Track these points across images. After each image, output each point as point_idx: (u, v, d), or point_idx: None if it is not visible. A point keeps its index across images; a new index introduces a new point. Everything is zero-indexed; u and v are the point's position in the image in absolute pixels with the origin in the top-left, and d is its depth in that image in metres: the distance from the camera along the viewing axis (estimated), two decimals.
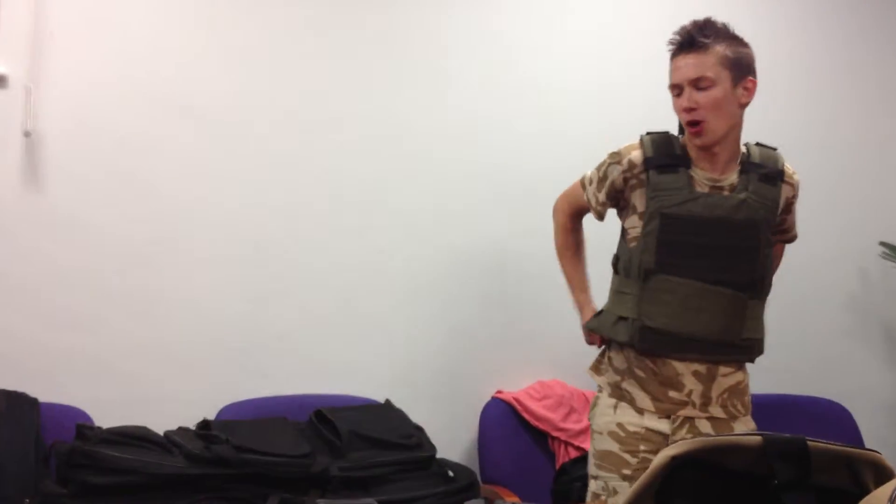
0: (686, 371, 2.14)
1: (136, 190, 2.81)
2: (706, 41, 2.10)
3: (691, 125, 2.12)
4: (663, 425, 2.14)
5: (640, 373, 2.16)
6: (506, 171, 3.17)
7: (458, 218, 3.12)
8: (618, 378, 2.20)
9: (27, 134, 2.69)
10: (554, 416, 3.05)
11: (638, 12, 3.33)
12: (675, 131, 2.26)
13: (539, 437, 3.05)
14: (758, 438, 0.85)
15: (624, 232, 2.23)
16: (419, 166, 3.09)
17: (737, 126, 2.16)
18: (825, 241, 3.48)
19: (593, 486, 2.20)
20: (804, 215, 3.44)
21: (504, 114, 3.17)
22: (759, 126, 3.41)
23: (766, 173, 2.18)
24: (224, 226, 2.89)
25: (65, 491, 2.24)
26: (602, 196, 2.23)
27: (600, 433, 2.20)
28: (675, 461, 0.86)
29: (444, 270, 3.10)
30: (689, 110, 2.11)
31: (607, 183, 2.21)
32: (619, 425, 2.16)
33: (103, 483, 2.23)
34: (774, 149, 2.26)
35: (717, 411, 2.16)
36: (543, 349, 3.20)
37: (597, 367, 2.28)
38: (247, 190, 2.91)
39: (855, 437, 3.19)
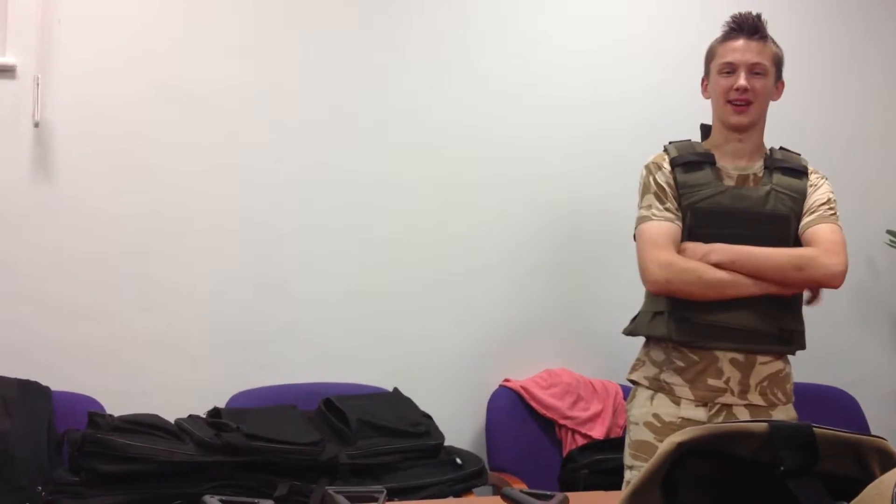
0: (724, 358, 2.16)
1: (143, 180, 2.82)
2: (767, 34, 2.24)
3: (738, 103, 2.20)
4: (700, 413, 2.16)
5: (678, 362, 2.20)
6: (510, 165, 3.17)
7: (463, 208, 3.12)
8: (656, 370, 2.23)
9: (36, 124, 2.71)
10: (561, 404, 3.06)
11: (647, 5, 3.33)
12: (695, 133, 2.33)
13: (546, 425, 3.07)
14: (764, 425, 0.86)
15: None
16: (425, 157, 3.09)
17: (764, 120, 2.27)
18: None
19: (628, 475, 2.24)
20: None
21: (517, 109, 3.17)
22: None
23: (790, 167, 2.26)
24: (231, 215, 2.90)
25: (77, 479, 2.26)
26: (672, 203, 2.21)
27: (636, 423, 2.24)
28: (682, 448, 0.87)
29: (451, 260, 3.10)
30: (745, 90, 2.19)
31: (666, 188, 2.22)
32: (656, 416, 2.19)
33: (115, 471, 2.24)
34: (798, 154, 2.35)
35: (755, 399, 2.18)
36: (550, 338, 3.21)
37: (633, 369, 2.32)
38: (254, 180, 2.92)
39: (861, 425, 3.20)
